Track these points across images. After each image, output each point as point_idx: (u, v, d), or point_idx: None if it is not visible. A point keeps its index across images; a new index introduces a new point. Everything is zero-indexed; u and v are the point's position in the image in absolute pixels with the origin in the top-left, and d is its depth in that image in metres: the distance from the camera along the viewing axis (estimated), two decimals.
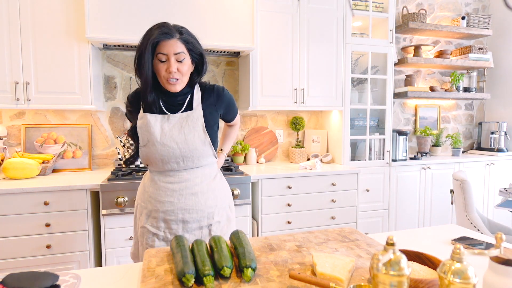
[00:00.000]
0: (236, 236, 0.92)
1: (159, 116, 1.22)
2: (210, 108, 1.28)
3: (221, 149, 1.48)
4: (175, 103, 1.25)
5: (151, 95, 1.20)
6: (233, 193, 2.16)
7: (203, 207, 1.26)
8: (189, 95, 1.26)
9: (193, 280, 0.75)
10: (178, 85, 1.19)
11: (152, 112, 1.22)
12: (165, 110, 1.24)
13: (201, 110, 1.24)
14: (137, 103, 1.26)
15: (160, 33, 1.14)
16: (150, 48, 1.14)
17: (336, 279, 0.73)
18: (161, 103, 1.24)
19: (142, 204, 1.30)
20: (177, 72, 1.17)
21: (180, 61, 1.17)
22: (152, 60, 1.17)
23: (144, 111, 1.24)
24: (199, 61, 1.25)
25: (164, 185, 1.25)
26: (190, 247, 0.89)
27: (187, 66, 1.20)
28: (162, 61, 1.17)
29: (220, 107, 1.31)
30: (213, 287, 0.73)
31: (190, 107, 1.25)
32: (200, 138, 1.22)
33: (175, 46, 1.15)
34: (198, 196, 1.26)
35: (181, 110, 1.24)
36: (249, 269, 0.77)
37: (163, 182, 1.25)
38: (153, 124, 1.20)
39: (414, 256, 0.79)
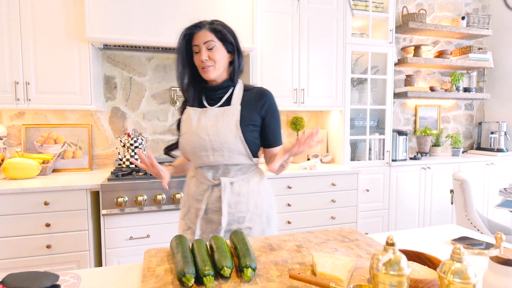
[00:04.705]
0: (236, 236, 0.92)
1: (199, 109, 1.27)
2: (249, 106, 1.26)
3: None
4: (215, 96, 1.28)
5: (191, 89, 1.28)
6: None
7: (233, 211, 1.23)
8: (230, 90, 1.28)
9: (193, 280, 0.75)
10: (211, 73, 1.23)
11: (194, 106, 1.29)
12: (206, 104, 1.28)
13: (239, 107, 1.24)
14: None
15: (191, 27, 1.23)
16: (184, 42, 1.23)
17: (336, 279, 0.73)
18: (203, 98, 1.30)
19: (185, 198, 1.35)
20: (208, 59, 1.21)
21: (210, 49, 1.21)
22: (189, 55, 1.25)
23: (189, 106, 1.30)
24: (234, 51, 1.27)
25: (200, 184, 1.28)
26: (190, 247, 0.89)
27: (219, 54, 1.23)
28: (196, 53, 1.23)
29: (260, 107, 1.26)
30: (213, 287, 0.73)
31: (229, 103, 1.27)
32: (232, 132, 1.20)
33: (205, 36, 1.21)
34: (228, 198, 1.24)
35: (219, 104, 1.27)
36: (249, 269, 0.77)
37: (199, 180, 1.28)
38: (193, 116, 1.26)
39: (414, 256, 0.79)
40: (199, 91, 1.30)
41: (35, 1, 2.09)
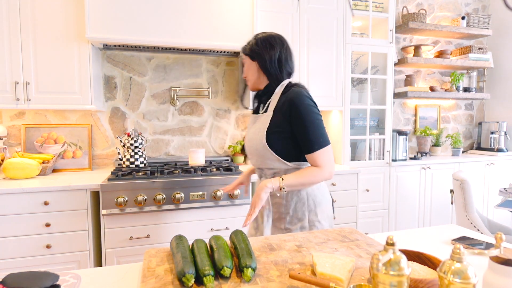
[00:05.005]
0: (236, 236, 0.92)
1: (253, 116, 1.42)
2: (279, 112, 1.24)
3: (282, 178, 1.19)
4: (263, 103, 1.39)
5: (254, 99, 1.46)
6: (233, 193, 2.16)
7: (274, 210, 1.32)
8: (272, 96, 1.34)
9: (193, 280, 0.75)
10: (249, 85, 1.40)
11: (253, 113, 1.44)
12: (260, 111, 1.39)
13: (271, 113, 1.27)
14: None
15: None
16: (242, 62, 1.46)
17: (336, 279, 0.73)
18: (261, 106, 1.40)
19: None
20: (244, 76, 1.40)
21: (243, 66, 1.39)
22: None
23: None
24: (258, 61, 1.32)
25: (257, 182, 1.45)
26: (190, 247, 0.89)
27: (247, 66, 1.36)
28: None
29: (286, 113, 1.22)
30: (213, 287, 0.73)
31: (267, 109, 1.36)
32: (259, 139, 1.27)
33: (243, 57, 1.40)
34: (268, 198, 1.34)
35: (263, 111, 1.35)
36: (249, 269, 0.77)
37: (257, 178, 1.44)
38: (249, 122, 1.43)
39: (414, 256, 0.79)
40: (260, 99, 1.43)
41: (35, 1, 2.09)
